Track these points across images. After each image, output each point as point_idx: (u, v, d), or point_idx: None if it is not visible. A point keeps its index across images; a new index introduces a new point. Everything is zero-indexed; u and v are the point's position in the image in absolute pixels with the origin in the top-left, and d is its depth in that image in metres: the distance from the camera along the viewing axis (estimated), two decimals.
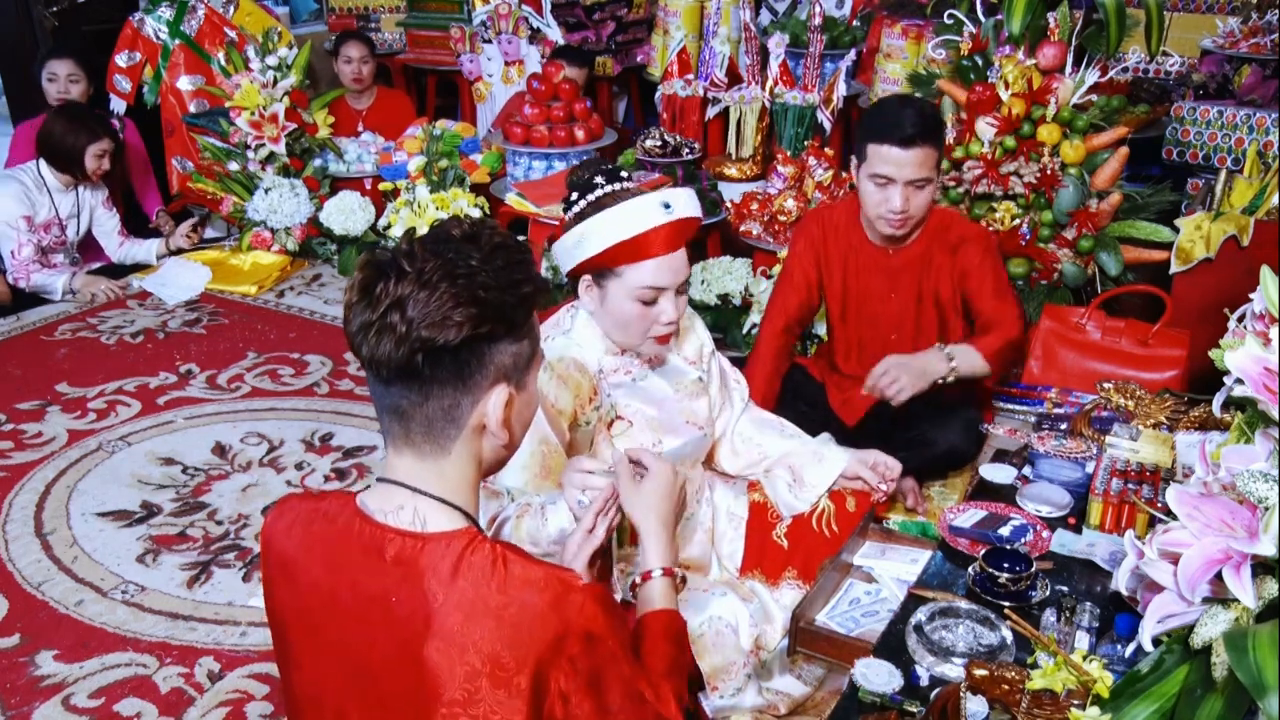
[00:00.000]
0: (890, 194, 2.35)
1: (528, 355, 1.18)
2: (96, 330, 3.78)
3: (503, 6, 5.03)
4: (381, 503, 1.16)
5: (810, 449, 2.15)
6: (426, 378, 1.11)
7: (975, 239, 2.50)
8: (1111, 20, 3.10)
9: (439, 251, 1.11)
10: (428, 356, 1.09)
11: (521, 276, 1.14)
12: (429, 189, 4.18)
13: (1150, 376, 2.79)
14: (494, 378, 1.14)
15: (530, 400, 1.22)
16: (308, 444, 3.04)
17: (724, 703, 1.82)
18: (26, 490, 2.80)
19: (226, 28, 4.75)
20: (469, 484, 1.19)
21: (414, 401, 1.13)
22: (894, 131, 2.29)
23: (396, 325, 1.08)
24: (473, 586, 1.08)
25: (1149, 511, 1.80)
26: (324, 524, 1.18)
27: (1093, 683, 1.33)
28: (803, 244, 2.59)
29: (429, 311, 1.07)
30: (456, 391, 1.13)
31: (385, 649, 1.12)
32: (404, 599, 1.10)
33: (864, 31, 5.20)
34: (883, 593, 2.04)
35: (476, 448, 1.18)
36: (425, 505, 1.15)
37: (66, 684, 2.12)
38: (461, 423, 1.14)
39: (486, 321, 1.10)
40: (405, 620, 1.10)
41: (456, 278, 1.09)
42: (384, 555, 1.12)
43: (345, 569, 1.14)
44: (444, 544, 1.11)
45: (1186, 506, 1.22)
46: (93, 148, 3.90)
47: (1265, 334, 1.31)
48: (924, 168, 2.33)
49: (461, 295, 1.08)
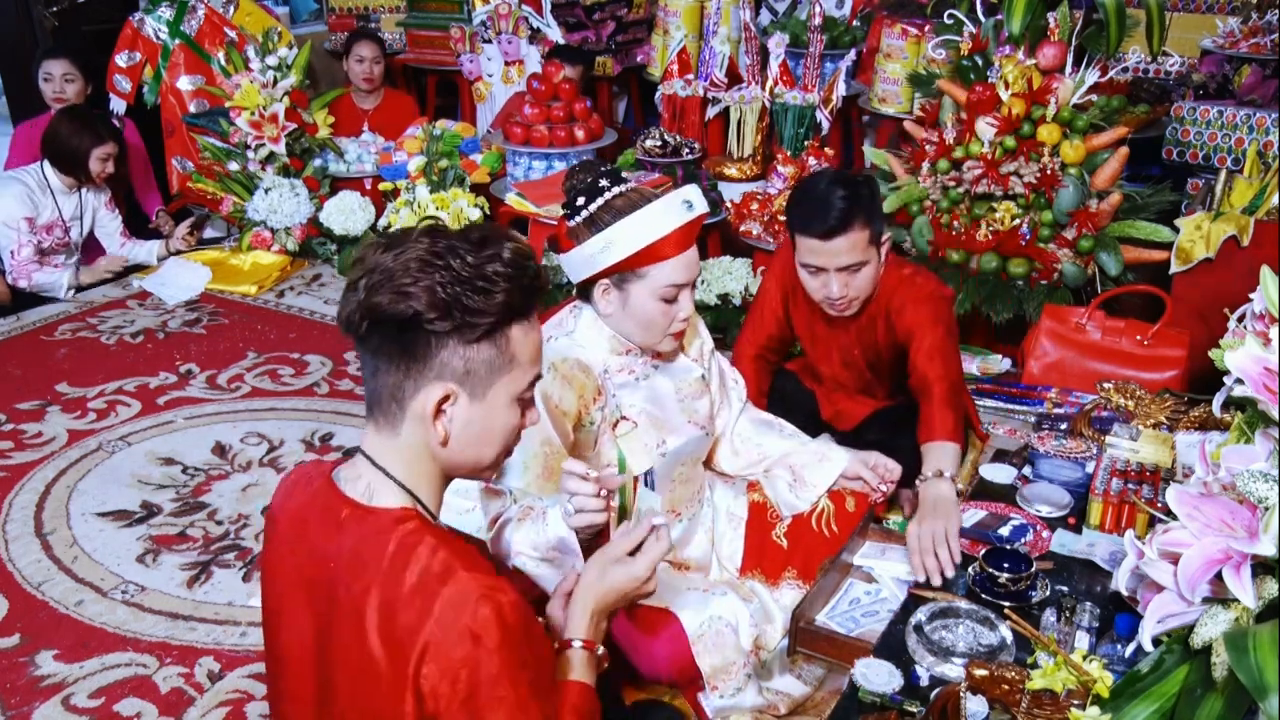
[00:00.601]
0: (826, 281, 2.25)
1: (489, 366, 1.17)
2: (96, 330, 3.78)
3: (503, 6, 5.03)
4: (348, 471, 1.22)
5: (811, 449, 2.16)
6: (374, 349, 1.15)
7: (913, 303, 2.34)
8: (1111, 20, 3.10)
9: (434, 238, 1.14)
10: (373, 325, 1.13)
11: (500, 287, 1.13)
12: (429, 189, 4.18)
13: (1150, 376, 2.79)
14: (438, 372, 1.15)
15: (492, 414, 1.20)
16: (308, 444, 3.04)
17: (724, 703, 1.82)
18: (26, 490, 2.80)
19: (226, 28, 4.75)
20: (423, 473, 1.21)
21: (369, 371, 1.18)
22: (816, 222, 2.17)
23: (360, 288, 1.12)
24: (391, 563, 1.12)
25: (1149, 511, 1.80)
26: (304, 486, 1.25)
27: (1093, 683, 1.33)
28: (773, 282, 2.54)
29: (386, 283, 1.11)
30: (400, 372, 1.15)
31: (323, 611, 1.17)
32: (344, 566, 1.15)
33: (864, 31, 5.20)
34: (883, 593, 2.04)
35: (423, 437, 1.19)
36: (378, 480, 1.19)
37: (66, 684, 2.12)
38: (404, 405, 1.17)
39: (434, 310, 1.11)
40: (336, 586, 1.15)
41: (428, 264, 1.11)
42: (337, 521, 1.17)
43: (307, 531, 1.20)
44: (383, 519, 1.15)
45: (1186, 506, 1.22)
46: (97, 151, 3.90)
47: (1265, 334, 1.31)
48: (854, 252, 2.20)
49: (422, 280, 1.10)
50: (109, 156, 3.94)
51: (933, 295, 2.36)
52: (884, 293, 2.37)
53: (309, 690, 1.21)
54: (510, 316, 1.16)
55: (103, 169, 3.95)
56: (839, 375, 2.59)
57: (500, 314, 1.15)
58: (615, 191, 1.77)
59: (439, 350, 1.14)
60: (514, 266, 1.15)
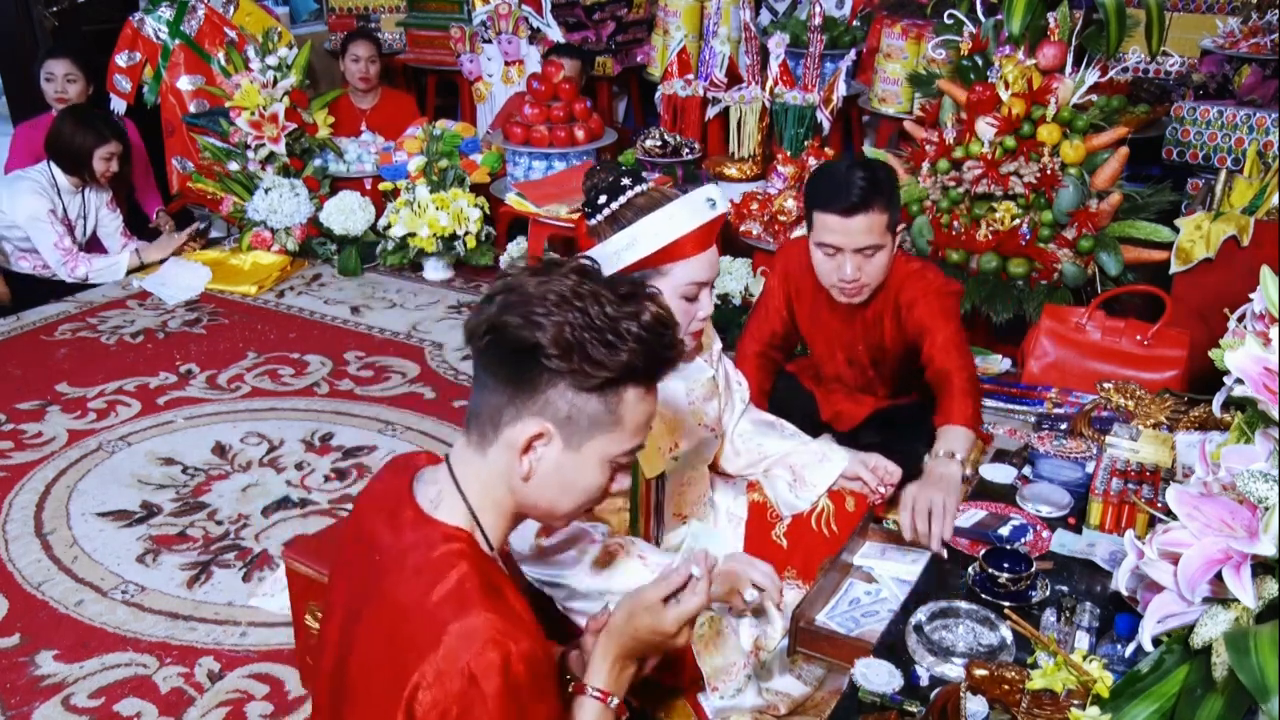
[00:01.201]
0: (840, 262, 2.26)
1: (593, 421, 1.14)
2: (96, 330, 3.78)
3: (503, 6, 5.03)
4: (430, 473, 1.22)
5: (812, 449, 2.16)
6: (488, 363, 1.14)
7: (925, 298, 2.36)
8: (1111, 20, 3.10)
9: (582, 278, 1.12)
10: (493, 342, 1.12)
11: (629, 345, 1.11)
12: (429, 189, 4.18)
13: (1150, 376, 2.79)
14: (541, 408, 1.13)
15: (581, 469, 1.17)
16: (308, 444, 3.04)
17: (724, 703, 1.82)
18: (26, 490, 2.80)
19: (226, 28, 4.75)
20: (495, 501, 1.19)
21: (477, 385, 1.17)
22: (837, 199, 2.18)
23: (494, 303, 1.12)
24: (426, 583, 1.11)
25: (1149, 511, 1.80)
26: (392, 474, 1.25)
27: (1093, 683, 1.33)
28: (777, 279, 2.55)
29: (520, 306, 1.10)
30: (505, 395, 1.14)
31: (367, 604, 1.17)
32: (388, 564, 1.15)
33: (864, 31, 5.20)
34: (883, 593, 2.03)
35: (511, 467, 1.16)
36: (449, 492, 1.18)
37: (66, 684, 2.12)
38: (499, 428, 1.15)
39: (556, 347, 1.09)
40: (382, 583, 1.15)
41: (568, 302, 1.10)
42: (398, 519, 1.18)
43: (373, 518, 1.21)
44: (436, 533, 1.15)
45: (1186, 506, 1.22)
46: (100, 150, 3.91)
47: (1265, 334, 1.31)
48: (872, 234, 2.22)
49: (555, 314, 1.09)
50: (112, 155, 3.95)
51: (943, 291, 2.38)
52: (893, 285, 2.37)
53: (328, 670, 1.22)
54: (630, 377, 1.14)
55: (106, 168, 3.96)
56: (841, 373, 2.59)
57: (620, 372, 1.12)
58: (637, 190, 1.77)
59: (548, 387, 1.12)
60: (650, 330, 1.12)
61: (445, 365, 3.54)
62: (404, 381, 3.42)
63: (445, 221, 4.11)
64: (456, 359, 3.59)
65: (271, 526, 2.65)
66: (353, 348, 3.67)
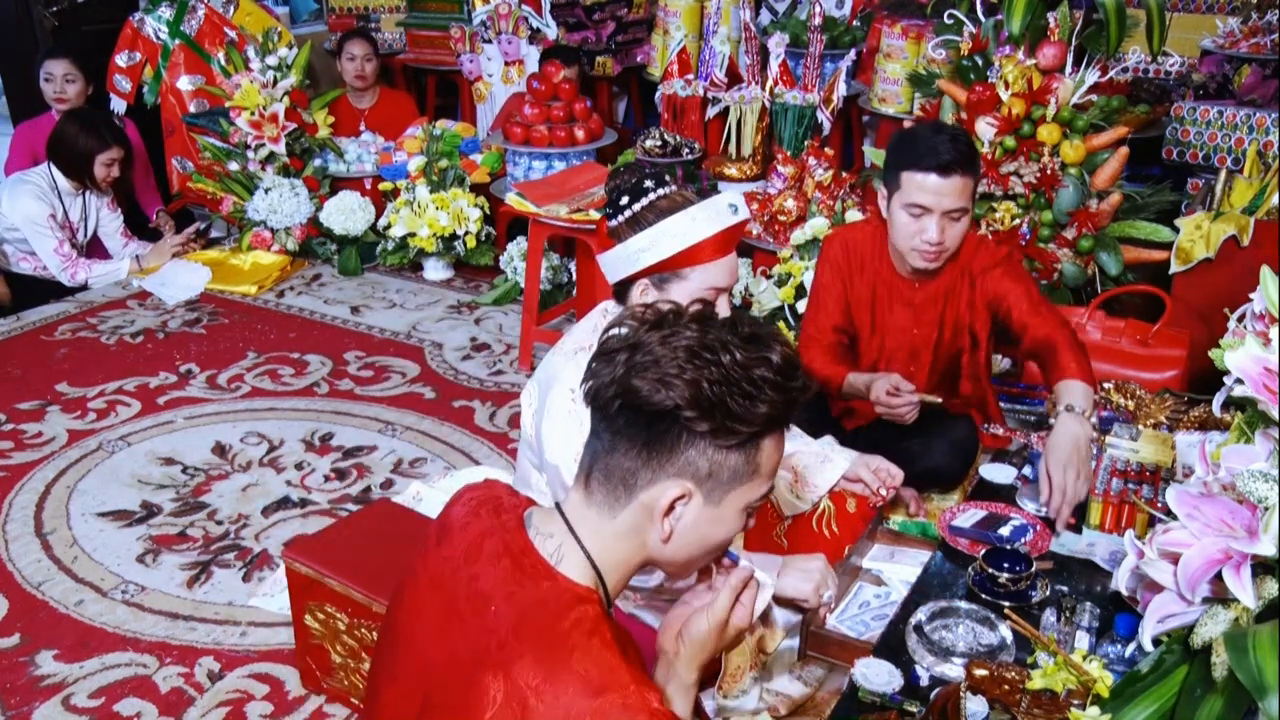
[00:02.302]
0: (926, 224, 2.24)
1: (734, 474, 1.10)
2: (96, 330, 3.78)
3: (503, 6, 5.03)
4: (541, 523, 1.16)
5: (814, 450, 2.15)
6: (619, 428, 1.09)
7: (996, 263, 2.39)
8: (1111, 20, 3.10)
9: (704, 326, 1.09)
10: (625, 406, 1.07)
11: (765, 396, 1.07)
12: (429, 189, 4.18)
13: (1150, 376, 2.79)
14: (680, 468, 1.09)
15: (721, 521, 1.14)
16: (308, 444, 3.04)
17: (727, 703, 1.82)
18: (26, 490, 2.80)
19: (226, 28, 4.75)
20: (620, 561, 1.15)
21: (604, 446, 1.12)
22: (932, 157, 2.18)
23: (619, 363, 1.07)
24: (553, 645, 1.05)
25: (1149, 511, 1.80)
26: (491, 514, 1.19)
27: (1093, 683, 1.33)
28: (829, 273, 2.51)
29: (650, 367, 1.06)
30: (639, 458, 1.10)
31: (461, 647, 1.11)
32: (502, 615, 1.09)
33: (864, 31, 5.19)
34: (892, 595, 2.03)
35: (641, 527, 1.13)
36: (570, 548, 1.13)
37: (66, 684, 2.12)
38: (634, 492, 1.11)
39: (695, 408, 1.05)
40: (488, 632, 1.08)
41: (697, 356, 1.06)
42: (519, 569, 1.11)
43: (479, 558, 1.15)
44: (563, 590, 1.09)
45: (1186, 506, 1.22)
46: (102, 156, 3.91)
47: (1265, 334, 1.31)
48: (962, 197, 2.22)
49: (688, 372, 1.05)
50: (114, 161, 3.96)
51: (1010, 257, 2.41)
52: (964, 255, 2.38)
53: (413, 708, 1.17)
54: (769, 428, 1.11)
55: (107, 174, 3.96)
56: (882, 362, 2.54)
57: (762, 425, 1.09)
58: (660, 192, 1.77)
59: (688, 448, 1.08)
60: (783, 375, 1.09)
61: (445, 365, 3.54)
62: (404, 381, 3.42)
63: (445, 221, 4.11)
64: (456, 359, 3.59)
65: (271, 526, 2.65)
66: (353, 348, 3.67)
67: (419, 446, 3.02)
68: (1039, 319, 2.27)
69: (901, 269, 2.42)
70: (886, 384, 2.29)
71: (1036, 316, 2.28)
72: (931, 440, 2.41)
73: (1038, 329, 2.26)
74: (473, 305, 4.05)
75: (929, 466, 2.44)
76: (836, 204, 3.60)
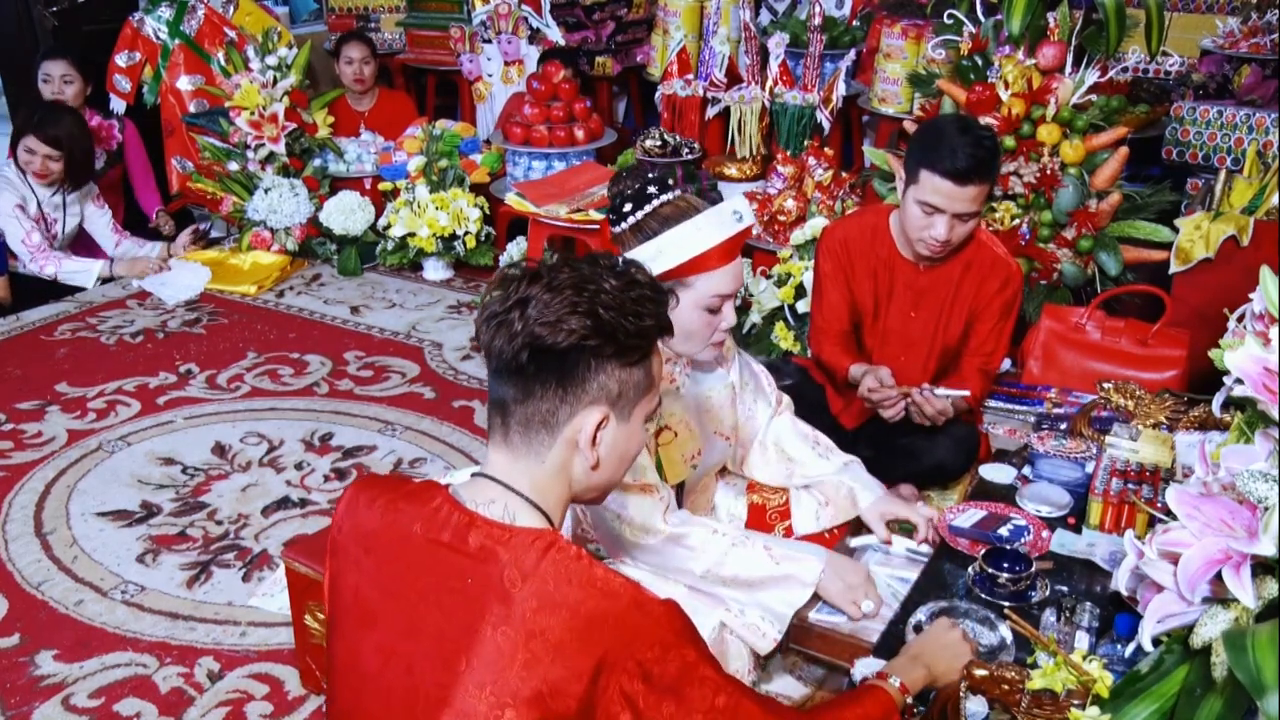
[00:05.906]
0: (935, 222, 2.28)
1: (637, 388, 1.21)
2: (96, 330, 3.78)
3: (503, 6, 5.03)
4: (474, 494, 1.21)
5: (845, 489, 2.11)
6: (530, 375, 1.16)
7: (1000, 272, 2.44)
8: (1111, 20, 3.10)
9: (576, 267, 1.17)
10: (534, 355, 1.14)
11: (648, 310, 1.19)
12: (429, 189, 4.18)
13: (1150, 376, 2.79)
14: (595, 395, 1.18)
15: (632, 436, 1.24)
16: (308, 444, 3.04)
17: None
18: (26, 490, 2.80)
19: (226, 28, 4.75)
20: (557, 497, 1.22)
21: (516, 398, 1.19)
22: (950, 162, 2.20)
23: (514, 321, 1.14)
24: (553, 579, 1.11)
25: (1149, 511, 1.80)
26: (415, 504, 1.22)
27: (1093, 683, 1.33)
28: (830, 264, 2.53)
29: (546, 312, 1.13)
30: (556, 397, 1.17)
31: (451, 624, 1.15)
32: (478, 582, 1.13)
33: (864, 31, 5.19)
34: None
35: (568, 462, 1.21)
36: (516, 503, 1.20)
37: (66, 684, 2.12)
38: (556, 430, 1.19)
39: (598, 335, 1.14)
40: (475, 601, 1.13)
41: (582, 289, 1.14)
42: (468, 540, 1.16)
43: (432, 547, 1.18)
44: (530, 538, 1.15)
45: (1186, 506, 1.22)
46: (25, 140, 3.81)
47: (1265, 334, 1.31)
48: (975, 202, 2.26)
49: (581, 305, 1.14)
50: (34, 151, 3.82)
51: (1017, 296, 2.50)
52: (970, 251, 2.44)
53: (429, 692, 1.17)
54: (657, 336, 1.22)
55: (40, 166, 3.84)
56: (895, 356, 2.55)
57: (653, 335, 1.21)
58: (664, 199, 1.75)
59: (598, 373, 1.17)
60: (653, 289, 1.21)
61: (445, 365, 3.54)
62: (404, 381, 3.42)
63: (445, 221, 4.11)
64: (456, 359, 3.59)
65: (271, 526, 2.65)
66: (352, 348, 3.67)
67: (419, 446, 3.02)
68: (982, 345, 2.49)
69: (907, 252, 2.47)
70: (873, 379, 2.32)
71: (983, 342, 2.49)
72: (937, 434, 2.43)
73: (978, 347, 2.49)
74: (473, 305, 4.05)
75: (931, 463, 2.45)
76: (836, 204, 3.61)
